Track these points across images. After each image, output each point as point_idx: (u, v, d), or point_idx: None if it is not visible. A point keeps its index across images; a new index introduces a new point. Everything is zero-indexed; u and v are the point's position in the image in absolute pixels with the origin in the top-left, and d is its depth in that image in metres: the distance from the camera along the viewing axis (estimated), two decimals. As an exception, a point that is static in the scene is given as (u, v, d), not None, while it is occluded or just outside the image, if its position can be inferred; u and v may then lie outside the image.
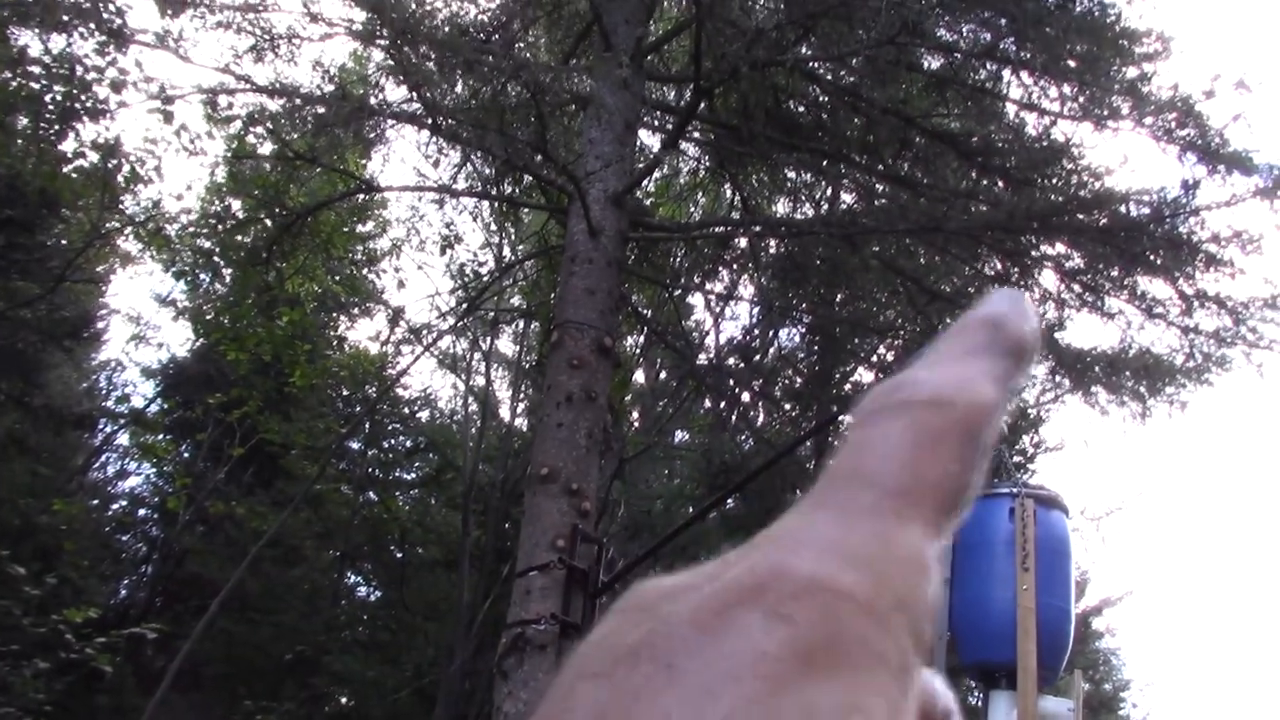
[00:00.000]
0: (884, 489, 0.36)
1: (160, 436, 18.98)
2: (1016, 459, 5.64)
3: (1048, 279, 8.86)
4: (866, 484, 0.36)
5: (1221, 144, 7.46)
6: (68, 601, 10.77)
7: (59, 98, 8.88)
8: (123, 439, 20.41)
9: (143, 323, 20.59)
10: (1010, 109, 8.83)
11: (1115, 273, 8.27)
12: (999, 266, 9.13)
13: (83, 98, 8.71)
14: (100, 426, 19.70)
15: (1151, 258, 7.88)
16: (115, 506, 20.58)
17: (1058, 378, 10.46)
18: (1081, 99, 8.19)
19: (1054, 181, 8.43)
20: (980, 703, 5.18)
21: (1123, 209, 7.75)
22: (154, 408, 19.84)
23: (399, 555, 19.84)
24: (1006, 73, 8.62)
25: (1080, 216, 7.85)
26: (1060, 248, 8.55)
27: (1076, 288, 8.64)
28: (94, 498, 19.99)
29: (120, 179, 10.49)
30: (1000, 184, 8.68)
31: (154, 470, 20.17)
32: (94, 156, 9.72)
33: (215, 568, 17.28)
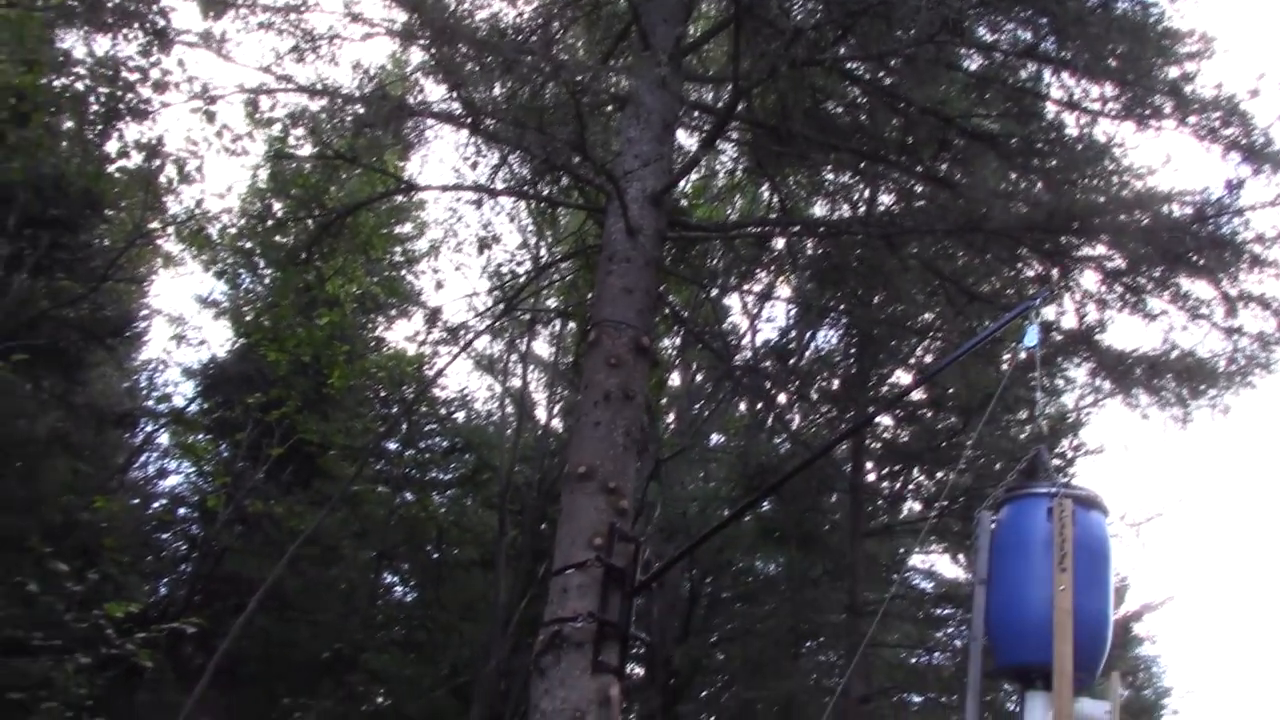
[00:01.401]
0: None
1: (200, 436, 19.13)
2: (1055, 462, 5.59)
3: (1088, 280, 8.78)
4: None
5: (1266, 143, 7.37)
6: (109, 598, 10.87)
7: (103, 98, 8.99)
8: (163, 438, 20.59)
9: (183, 323, 20.80)
10: (1050, 109, 8.75)
11: (1157, 274, 8.18)
12: (1039, 268, 9.05)
13: (127, 98, 8.81)
14: (141, 426, 19.88)
15: (1194, 259, 7.79)
16: (155, 505, 20.77)
17: (1098, 380, 10.37)
18: (1123, 99, 8.11)
19: (1095, 182, 8.35)
20: (1017, 705, 5.12)
21: (1165, 209, 7.67)
22: (194, 407, 20.01)
23: (435, 555, 19.92)
24: (1047, 73, 8.53)
25: (1122, 217, 7.77)
26: (1101, 248, 8.47)
27: (1118, 288, 8.55)
28: (135, 496, 20.17)
29: (163, 179, 10.59)
30: (1040, 185, 8.61)
31: (193, 469, 20.35)
32: (137, 157, 9.83)
33: (253, 566, 17.40)
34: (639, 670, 18.08)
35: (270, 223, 11.63)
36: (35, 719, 7.93)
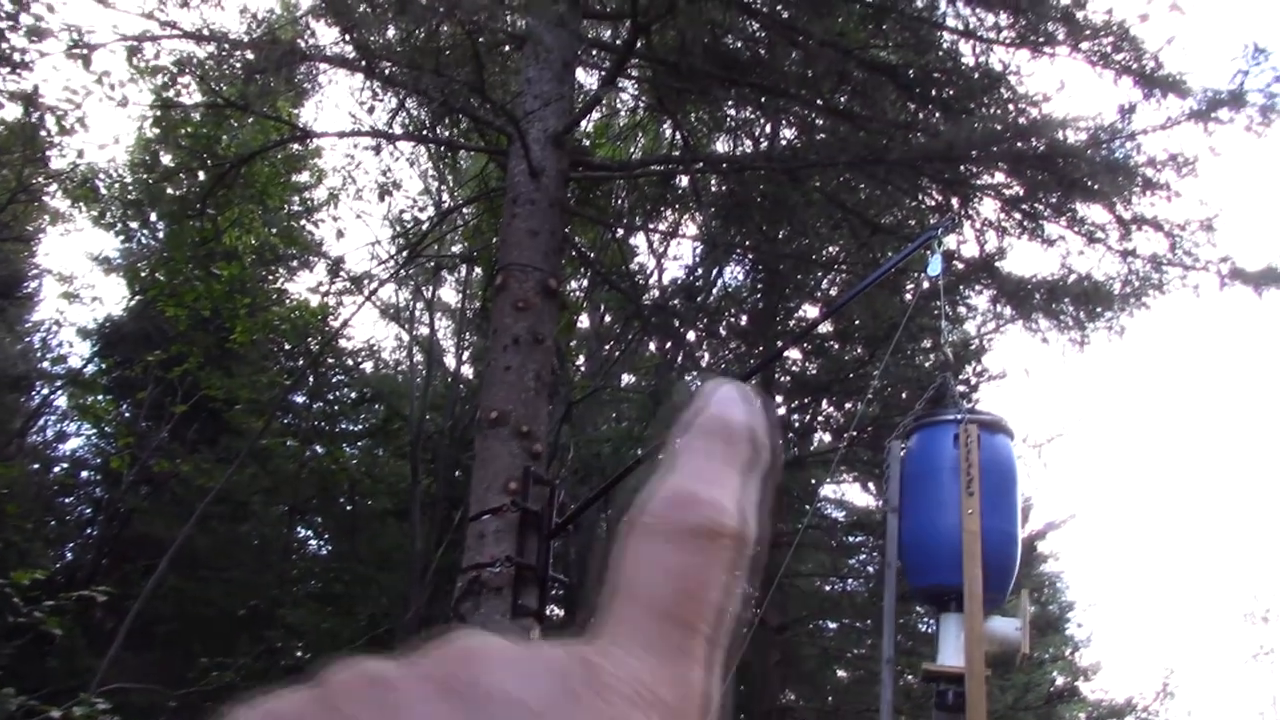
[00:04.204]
0: (674, 620, 0.38)
1: (99, 397, 18.65)
2: (960, 389, 5.69)
3: (987, 208, 8.90)
4: (656, 615, 0.39)
5: (1156, 67, 7.50)
6: (13, 565, 10.57)
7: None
8: (61, 401, 20.05)
9: (76, 282, 20.18)
10: (947, 38, 8.81)
11: (1054, 199, 8.32)
12: (939, 198, 9.16)
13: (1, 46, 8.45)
14: (37, 388, 19.33)
15: (1089, 183, 7.93)
16: (57, 469, 20.29)
17: (999, 307, 10.56)
18: (1017, 26, 8.19)
19: (992, 110, 8.44)
20: (932, 627, 5.25)
21: (1060, 135, 7.78)
22: (91, 368, 19.48)
23: (348, 507, 19.74)
24: (942, 1, 8.59)
25: (1019, 144, 7.88)
26: (999, 176, 8.59)
27: (1017, 215, 8.68)
28: (34, 461, 19.66)
29: (44, 133, 10.21)
30: (938, 115, 8.68)
31: (95, 431, 19.87)
32: (14, 109, 9.46)
33: (162, 527, 17.10)
34: (559, 611, 18.20)
35: (159, 174, 11.25)
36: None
